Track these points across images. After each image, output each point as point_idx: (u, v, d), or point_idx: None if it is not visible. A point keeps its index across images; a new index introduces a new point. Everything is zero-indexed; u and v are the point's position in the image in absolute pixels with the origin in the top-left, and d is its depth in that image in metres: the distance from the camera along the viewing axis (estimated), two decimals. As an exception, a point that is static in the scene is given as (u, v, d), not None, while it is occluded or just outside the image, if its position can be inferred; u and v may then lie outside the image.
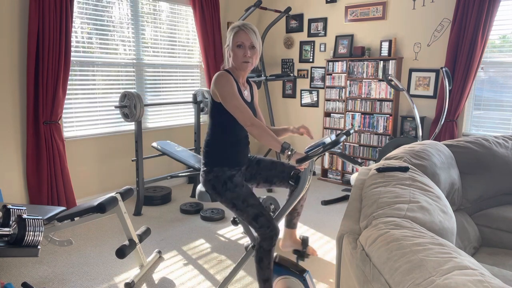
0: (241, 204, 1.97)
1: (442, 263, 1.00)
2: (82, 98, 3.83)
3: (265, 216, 1.95)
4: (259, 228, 1.94)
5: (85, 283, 2.53)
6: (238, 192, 1.98)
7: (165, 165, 4.73)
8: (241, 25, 1.97)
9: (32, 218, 1.82)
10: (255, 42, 1.97)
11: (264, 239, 1.94)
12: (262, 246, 1.96)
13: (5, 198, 3.33)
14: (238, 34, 1.96)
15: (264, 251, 1.96)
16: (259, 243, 1.96)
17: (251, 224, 1.97)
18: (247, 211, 1.96)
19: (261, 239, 1.95)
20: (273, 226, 1.95)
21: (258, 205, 1.97)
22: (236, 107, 1.90)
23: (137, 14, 4.22)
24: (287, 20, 5.44)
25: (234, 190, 1.98)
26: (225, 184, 2.00)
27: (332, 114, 5.00)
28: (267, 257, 1.97)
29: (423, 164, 1.99)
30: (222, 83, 1.93)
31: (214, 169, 2.02)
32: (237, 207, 1.98)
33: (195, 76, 4.98)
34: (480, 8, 3.76)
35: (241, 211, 1.97)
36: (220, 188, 2.00)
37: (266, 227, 1.93)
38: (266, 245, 1.95)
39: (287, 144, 1.85)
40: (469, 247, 2.14)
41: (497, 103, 3.96)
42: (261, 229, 1.94)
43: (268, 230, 1.93)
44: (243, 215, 1.98)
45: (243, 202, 1.96)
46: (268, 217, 1.95)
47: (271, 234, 1.94)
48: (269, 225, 1.94)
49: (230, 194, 1.98)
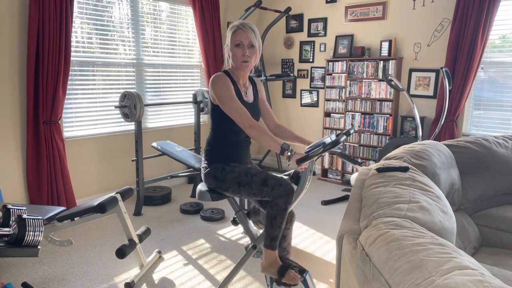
0: (245, 177, 1.95)
1: (442, 263, 1.00)
2: (82, 98, 3.83)
3: (272, 177, 1.92)
4: (271, 190, 1.90)
5: (85, 283, 2.53)
6: (238, 170, 1.98)
7: (165, 165, 4.73)
8: (240, 24, 1.96)
9: (32, 218, 1.82)
10: (254, 41, 1.96)
11: (280, 196, 1.89)
12: (278, 203, 1.90)
13: (5, 198, 3.33)
14: (237, 33, 1.95)
15: (279, 209, 1.91)
16: (274, 201, 1.90)
17: (262, 192, 1.92)
18: (253, 181, 1.93)
19: (277, 197, 1.90)
20: (285, 183, 1.91)
21: (262, 171, 1.96)
22: (234, 109, 1.89)
23: (137, 14, 4.22)
24: (287, 20, 5.44)
25: (233, 170, 1.99)
26: (224, 169, 2.00)
27: (332, 114, 5.00)
28: (281, 216, 1.92)
29: (423, 164, 1.99)
30: (218, 85, 1.92)
31: (214, 164, 2.03)
32: (243, 183, 1.95)
33: (195, 76, 4.98)
34: (480, 8, 3.76)
35: (248, 185, 1.94)
36: (220, 174, 2.00)
37: (278, 185, 1.89)
38: (281, 203, 1.90)
39: (287, 145, 1.84)
40: (469, 247, 2.14)
41: (497, 103, 3.96)
42: (273, 190, 1.89)
43: (281, 188, 1.89)
44: (251, 187, 1.94)
45: (246, 175, 1.95)
46: (276, 177, 1.93)
47: (286, 190, 1.89)
48: (280, 183, 1.90)
49: (231, 175, 1.98)
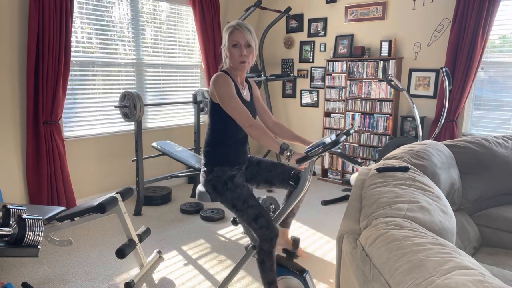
0: (241, 205, 1.97)
1: (442, 263, 1.00)
2: (82, 98, 3.83)
3: (264, 217, 1.95)
4: (258, 229, 1.94)
5: (85, 283, 2.53)
6: (239, 192, 1.98)
7: (165, 165, 4.73)
8: (236, 24, 1.97)
9: (32, 218, 1.82)
10: (251, 40, 1.97)
11: (264, 240, 1.94)
12: (263, 248, 1.96)
13: (5, 198, 3.33)
14: (233, 33, 1.96)
15: (265, 253, 1.96)
16: (260, 246, 1.96)
17: (250, 225, 1.97)
18: (247, 212, 1.96)
19: (261, 240, 1.95)
20: (272, 227, 1.95)
21: (258, 206, 1.97)
22: (234, 108, 1.89)
23: (137, 14, 4.22)
24: (287, 20, 5.44)
25: (234, 191, 1.98)
26: (226, 184, 1.99)
27: (332, 114, 5.00)
28: (268, 259, 1.97)
29: (423, 164, 1.99)
30: (220, 84, 1.93)
31: (215, 169, 2.02)
32: (237, 208, 1.97)
33: (195, 76, 4.98)
34: (480, 8, 3.76)
35: (241, 211, 1.97)
36: (221, 188, 2.00)
37: (265, 228, 1.93)
38: (266, 247, 1.95)
39: (286, 145, 1.84)
40: (469, 247, 2.14)
41: (497, 103, 3.96)
42: (260, 230, 1.94)
43: (268, 232, 1.93)
44: (243, 215, 1.98)
45: (243, 203, 1.96)
46: (267, 218, 1.95)
47: (271, 235, 1.94)
48: (268, 226, 1.94)
49: (230, 194, 1.98)
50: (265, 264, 1.97)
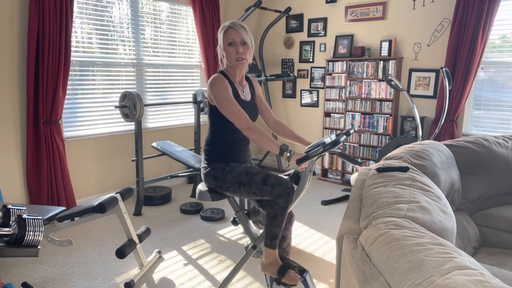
0: (245, 177, 1.95)
1: (442, 263, 1.00)
2: (82, 98, 3.83)
3: (272, 176, 1.92)
4: (271, 189, 1.90)
5: (85, 283, 2.53)
6: (238, 170, 1.98)
7: (165, 165, 4.73)
8: (230, 23, 1.98)
9: (32, 218, 1.82)
10: (246, 38, 1.97)
11: (280, 195, 1.89)
12: (278, 203, 1.90)
13: (5, 198, 3.33)
14: (228, 32, 1.96)
15: (280, 208, 1.91)
16: (275, 200, 1.90)
17: (262, 192, 1.92)
18: (253, 180, 1.93)
19: (277, 196, 1.90)
20: (285, 182, 1.90)
21: (262, 171, 1.96)
22: (232, 112, 1.89)
23: (137, 14, 4.22)
24: (287, 20, 5.44)
25: (233, 170, 1.99)
26: (224, 169, 2.00)
27: (332, 114, 5.00)
28: (281, 215, 1.92)
29: (423, 164, 1.99)
30: (216, 87, 1.93)
31: (213, 163, 2.03)
32: (243, 182, 1.95)
33: (195, 76, 4.98)
34: (480, 8, 3.76)
35: (248, 185, 1.94)
36: (220, 174, 2.00)
37: (278, 184, 1.89)
38: (282, 202, 1.90)
39: (286, 146, 1.84)
40: (469, 247, 2.14)
41: (497, 103, 3.96)
42: (274, 189, 1.89)
43: (281, 187, 1.89)
44: (251, 187, 1.94)
45: (247, 175, 1.95)
46: (276, 176, 1.92)
47: (286, 189, 1.89)
48: (280, 182, 1.90)
49: (231, 175, 1.98)
50: (276, 219, 1.92)
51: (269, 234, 1.95)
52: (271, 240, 1.95)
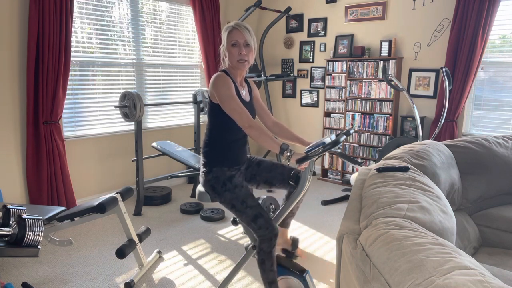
0: (240, 205, 1.96)
1: (442, 263, 1.00)
2: (82, 98, 3.83)
3: (263, 217, 1.94)
4: (257, 229, 1.94)
5: (85, 283, 2.53)
6: (237, 193, 1.98)
7: (165, 165, 4.73)
8: (235, 24, 1.99)
9: (32, 218, 1.82)
10: (249, 39, 1.98)
11: (263, 240, 1.94)
12: (262, 248, 1.95)
13: (5, 198, 3.33)
14: (232, 33, 1.97)
15: (264, 253, 1.96)
16: (259, 246, 1.96)
17: (249, 225, 1.97)
18: (246, 212, 1.95)
19: (260, 241, 1.95)
20: (272, 227, 1.94)
21: (257, 206, 1.96)
22: (234, 109, 1.90)
23: (137, 14, 4.22)
24: (287, 20, 5.44)
25: (233, 191, 1.98)
26: (224, 185, 1.99)
27: (332, 114, 5.00)
28: (268, 259, 1.97)
29: (423, 164, 1.99)
30: (219, 84, 1.93)
31: (214, 169, 2.02)
32: (236, 208, 1.97)
33: (195, 76, 4.98)
34: (480, 8, 3.76)
35: (240, 212, 1.97)
36: (219, 188, 2.00)
37: (264, 228, 1.93)
38: (266, 247, 1.95)
39: (286, 145, 1.84)
40: (469, 247, 2.14)
41: (497, 103, 3.96)
42: (259, 230, 1.93)
43: (267, 232, 1.93)
44: (242, 216, 1.97)
45: (242, 203, 1.96)
46: (266, 218, 1.95)
47: (270, 235, 1.93)
48: (267, 226, 1.93)
49: (229, 194, 1.98)
50: (265, 264, 1.97)
51: (266, 281, 2.01)
52: (270, 286, 2.01)
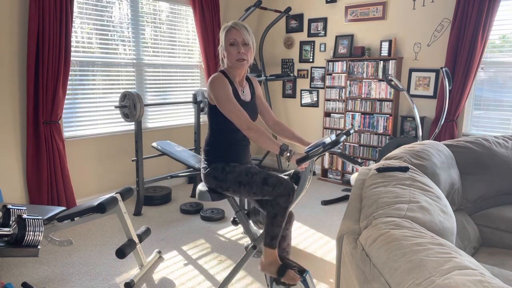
0: (246, 177, 1.95)
1: (442, 263, 1.00)
2: (82, 98, 3.83)
3: (273, 176, 1.92)
4: (272, 189, 1.89)
5: (85, 283, 2.53)
6: (238, 169, 1.98)
7: (165, 165, 4.73)
8: (233, 23, 1.98)
9: (32, 218, 1.82)
10: (248, 38, 1.97)
11: (281, 195, 1.89)
12: (279, 202, 1.89)
13: (5, 198, 3.33)
14: (230, 32, 1.97)
15: (280, 207, 1.90)
16: (275, 200, 1.90)
17: (263, 192, 1.92)
18: (254, 180, 1.93)
19: (278, 196, 1.89)
20: (286, 182, 1.90)
21: (262, 171, 1.95)
22: (232, 111, 1.89)
23: (137, 14, 4.22)
24: (287, 20, 5.44)
25: (234, 170, 1.98)
26: (224, 169, 2.00)
27: (332, 114, 5.00)
28: (282, 214, 1.91)
29: (423, 164, 1.99)
30: (216, 86, 1.93)
31: (213, 164, 2.04)
32: (244, 182, 1.95)
33: (195, 76, 4.98)
34: (480, 8, 3.76)
35: (248, 184, 1.94)
36: (221, 174, 2.00)
37: (279, 184, 1.89)
38: (283, 202, 1.89)
39: (286, 146, 1.84)
40: (469, 247, 2.14)
41: (497, 103, 3.96)
42: (274, 189, 1.89)
43: (282, 188, 1.88)
44: (251, 187, 1.93)
45: (247, 174, 1.95)
46: (277, 176, 1.92)
47: (287, 189, 1.89)
48: (281, 182, 1.90)
49: (231, 175, 1.97)
50: (276, 219, 1.91)
51: (269, 233, 1.94)
52: (270, 239, 1.95)
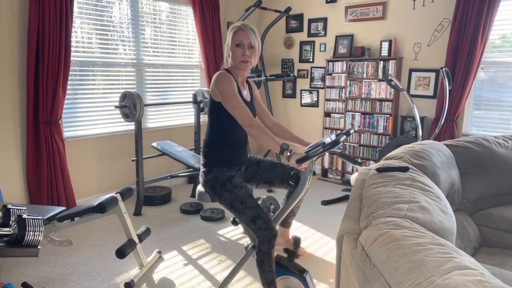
0: (239, 205, 1.96)
1: (442, 263, 1.00)
2: (82, 98, 3.83)
3: (262, 218, 1.94)
4: (256, 230, 1.94)
5: (85, 283, 2.53)
6: (237, 193, 1.98)
7: (165, 165, 4.73)
8: (241, 24, 1.99)
9: (32, 218, 1.82)
10: (254, 41, 1.98)
11: (262, 241, 1.94)
12: (261, 249, 1.95)
13: (5, 198, 3.33)
14: (238, 33, 1.97)
15: (263, 253, 1.96)
16: (258, 246, 1.96)
17: (249, 226, 1.97)
18: (245, 213, 1.95)
19: (259, 241, 1.95)
20: (271, 228, 1.94)
21: (256, 207, 1.96)
22: (236, 107, 1.90)
23: (137, 14, 4.22)
24: (287, 20, 5.44)
25: (232, 192, 1.98)
26: (224, 185, 1.99)
27: (332, 114, 5.00)
28: (267, 260, 1.96)
29: (423, 164, 1.99)
30: (222, 82, 1.93)
31: (213, 169, 2.03)
32: (235, 209, 1.97)
33: (195, 76, 4.98)
34: (480, 8, 3.76)
35: (239, 212, 1.97)
36: (219, 189, 2.00)
37: (264, 229, 1.93)
38: (264, 248, 1.95)
39: (286, 145, 1.84)
40: (469, 247, 2.14)
41: (497, 103, 3.96)
42: (258, 231, 1.93)
43: (266, 232, 1.93)
44: (241, 216, 1.98)
45: (241, 204, 1.96)
46: (265, 219, 1.95)
47: (269, 236, 1.93)
48: (266, 227, 1.93)
49: (228, 195, 1.98)
50: (264, 265, 1.97)
51: (264, 281, 2.01)
52: (268, 286, 2.01)
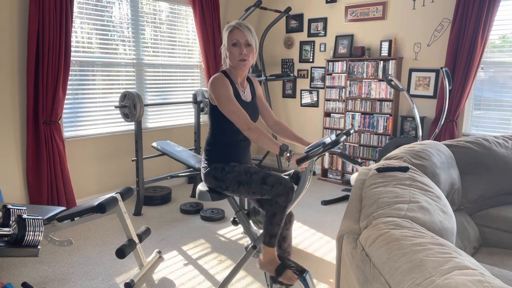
0: (245, 176, 1.95)
1: (442, 263, 1.00)
2: (82, 98, 3.83)
3: (272, 175, 1.91)
4: (271, 189, 1.89)
5: (85, 283, 2.53)
6: (237, 169, 1.98)
7: (165, 165, 4.73)
8: (236, 23, 1.98)
9: (32, 218, 1.82)
10: (251, 39, 1.97)
11: (280, 195, 1.88)
12: (278, 202, 1.89)
13: (5, 198, 3.33)
14: (233, 32, 1.97)
15: (279, 207, 1.90)
16: (275, 199, 1.90)
17: (262, 191, 1.91)
18: (253, 179, 1.93)
19: (276, 195, 1.89)
20: (285, 181, 1.89)
21: (261, 170, 1.96)
22: (232, 111, 1.89)
23: (137, 14, 4.22)
24: (287, 20, 5.44)
25: (233, 170, 1.99)
26: (224, 169, 2.01)
27: (332, 114, 5.00)
28: (281, 214, 1.91)
29: (423, 164, 1.99)
30: (217, 87, 1.93)
31: (213, 163, 2.04)
32: (243, 182, 1.95)
33: (195, 76, 4.98)
34: (480, 8, 3.76)
35: (248, 184, 1.94)
36: (220, 174, 2.00)
37: (278, 184, 1.88)
38: (281, 201, 1.89)
39: (286, 146, 1.84)
40: (469, 247, 2.14)
41: (497, 103, 3.96)
42: (273, 189, 1.89)
43: (281, 187, 1.88)
44: (251, 186, 1.93)
45: (246, 174, 1.95)
46: (275, 175, 1.92)
47: (285, 189, 1.88)
48: (280, 181, 1.89)
49: (231, 175, 1.98)
50: (275, 218, 1.91)
51: (268, 232, 1.94)
52: (270, 238, 1.95)
